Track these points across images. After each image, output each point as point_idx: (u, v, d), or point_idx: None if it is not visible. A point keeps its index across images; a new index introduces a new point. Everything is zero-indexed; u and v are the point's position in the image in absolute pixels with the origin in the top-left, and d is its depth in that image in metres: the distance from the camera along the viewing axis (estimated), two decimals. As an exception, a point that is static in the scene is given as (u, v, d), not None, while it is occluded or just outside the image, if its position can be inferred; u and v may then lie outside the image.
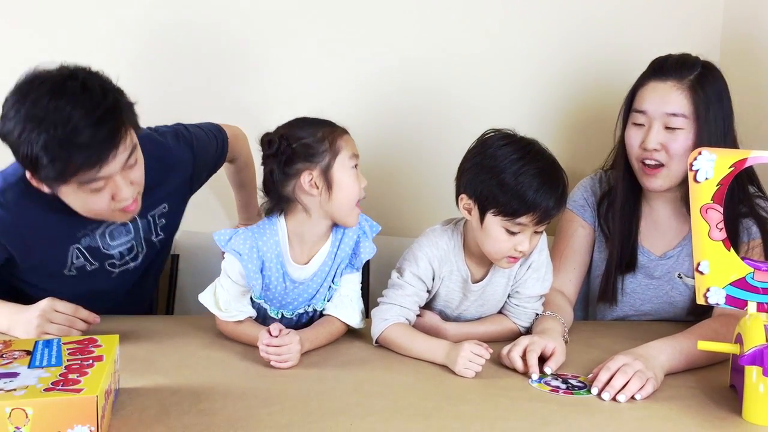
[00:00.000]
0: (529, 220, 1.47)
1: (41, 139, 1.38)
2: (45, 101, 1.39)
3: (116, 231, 1.65)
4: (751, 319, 1.31)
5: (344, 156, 1.50)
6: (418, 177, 2.16)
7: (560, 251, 1.78)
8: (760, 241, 1.63)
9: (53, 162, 1.39)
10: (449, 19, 2.12)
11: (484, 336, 1.58)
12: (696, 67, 1.64)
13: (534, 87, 2.15)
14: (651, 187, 1.68)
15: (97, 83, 1.45)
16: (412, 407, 1.28)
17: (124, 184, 1.48)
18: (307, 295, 1.57)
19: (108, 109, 1.42)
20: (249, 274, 1.50)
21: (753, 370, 1.24)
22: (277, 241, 1.53)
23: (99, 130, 1.40)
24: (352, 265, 1.59)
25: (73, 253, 1.62)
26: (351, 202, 1.52)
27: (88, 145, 1.39)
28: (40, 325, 1.50)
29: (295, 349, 1.43)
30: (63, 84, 1.41)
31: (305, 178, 1.48)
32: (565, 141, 2.13)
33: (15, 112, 1.41)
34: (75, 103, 1.39)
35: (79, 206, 1.51)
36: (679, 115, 1.61)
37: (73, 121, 1.38)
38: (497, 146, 1.50)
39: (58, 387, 1.10)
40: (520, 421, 1.24)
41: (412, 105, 2.14)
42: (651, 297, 1.77)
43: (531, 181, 1.45)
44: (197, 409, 1.24)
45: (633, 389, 1.33)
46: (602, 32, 2.13)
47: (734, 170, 1.31)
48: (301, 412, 1.25)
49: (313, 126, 1.51)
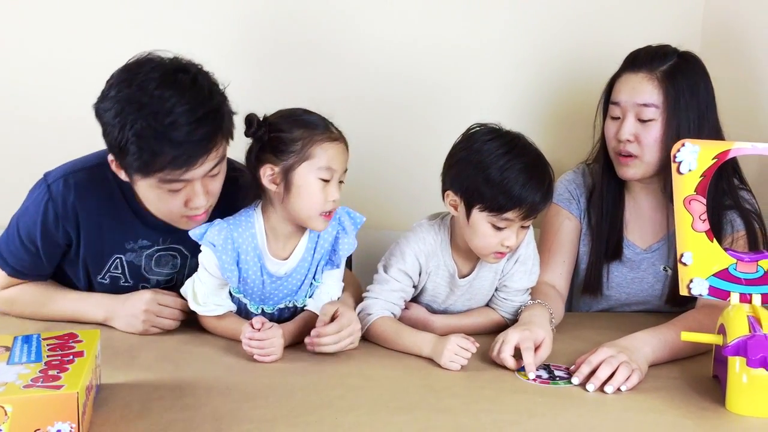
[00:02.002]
0: (515, 216, 1.46)
1: (138, 125, 1.32)
2: (152, 87, 1.33)
3: (164, 259, 1.60)
4: (734, 309, 1.32)
5: (313, 164, 1.44)
6: (404, 170, 2.15)
7: (548, 245, 1.77)
8: (744, 233, 1.64)
9: (142, 152, 1.34)
10: (434, 14, 2.11)
11: (471, 328, 1.58)
12: (670, 58, 1.65)
13: (519, 81, 2.15)
14: (625, 175, 1.69)
15: (206, 82, 1.40)
16: (398, 400, 1.28)
17: (201, 192, 1.42)
18: (287, 291, 1.56)
19: (211, 110, 1.37)
20: (223, 266, 1.48)
21: (736, 361, 1.25)
22: (254, 234, 1.51)
23: (197, 130, 1.35)
24: (332, 261, 1.58)
25: (114, 263, 1.58)
26: (309, 210, 1.46)
27: (181, 143, 1.34)
28: (147, 320, 1.52)
29: (278, 343, 1.42)
30: (174, 74, 1.36)
31: (266, 171, 1.46)
32: (550, 134, 2.13)
33: (117, 91, 1.35)
34: (181, 97, 1.34)
35: (151, 201, 1.46)
36: (650, 105, 1.63)
37: (174, 114, 1.33)
38: (483, 141, 1.49)
39: (38, 383, 1.08)
40: (506, 414, 1.24)
41: (397, 98, 2.13)
42: (636, 291, 1.78)
43: (517, 176, 1.44)
44: (180, 405, 1.23)
45: (620, 380, 1.33)
46: (585, 26, 2.13)
47: (717, 162, 1.32)
48: (285, 407, 1.24)
49: (299, 124, 1.46)
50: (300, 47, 2.08)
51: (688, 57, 1.68)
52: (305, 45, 2.08)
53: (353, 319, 1.47)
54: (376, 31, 2.11)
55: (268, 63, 2.08)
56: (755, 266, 1.33)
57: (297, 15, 2.08)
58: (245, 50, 2.07)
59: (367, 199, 2.06)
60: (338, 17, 2.09)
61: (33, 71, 2.00)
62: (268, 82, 2.08)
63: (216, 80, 1.43)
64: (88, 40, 1.99)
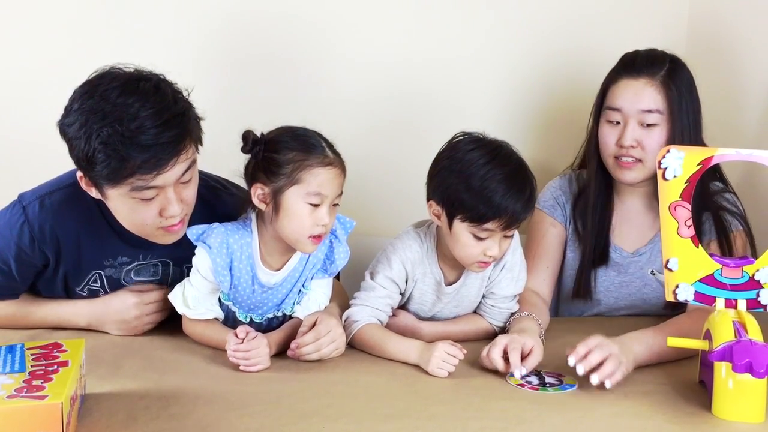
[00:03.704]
0: (496, 226, 1.46)
1: (103, 133, 1.32)
2: (114, 95, 1.34)
3: (144, 269, 1.58)
4: (720, 315, 1.32)
5: (302, 189, 1.43)
6: (392, 177, 2.15)
7: (532, 252, 1.78)
8: (741, 229, 1.67)
9: (110, 159, 1.33)
10: (422, 20, 2.11)
11: (460, 335, 1.58)
12: (665, 62, 1.67)
13: (508, 86, 2.15)
14: (625, 179, 1.69)
15: (169, 89, 1.40)
16: (385, 408, 1.28)
17: (175, 199, 1.41)
18: (276, 300, 1.55)
19: (176, 114, 1.37)
20: (216, 269, 1.47)
21: (722, 366, 1.26)
22: (249, 243, 1.51)
23: (164, 132, 1.34)
24: (325, 270, 1.57)
25: (93, 277, 1.58)
26: (297, 234, 1.46)
27: (149, 147, 1.33)
28: (138, 323, 1.56)
29: (264, 352, 1.41)
30: (136, 83, 1.37)
31: (257, 189, 1.46)
32: (539, 139, 2.14)
33: (80, 104, 1.36)
34: (144, 102, 1.34)
35: (124, 215, 1.44)
36: (654, 111, 1.64)
37: (139, 119, 1.33)
38: (465, 150, 1.49)
39: (22, 394, 1.07)
40: (494, 421, 1.24)
41: (386, 104, 2.13)
42: (624, 295, 1.79)
43: (497, 186, 1.44)
44: (166, 414, 1.22)
45: (607, 371, 1.34)
46: (572, 31, 2.14)
47: (702, 168, 1.33)
48: (272, 415, 1.23)
49: (294, 146, 1.45)
50: (286, 50, 2.08)
51: (678, 60, 1.70)
52: (291, 47, 2.08)
53: (333, 326, 1.47)
54: (366, 35, 2.11)
55: (254, 69, 2.08)
56: (740, 272, 1.34)
57: (283, 18, 2.07)
58: (235, 59, 2.07)
59: (356, 205, 2.05)
60: (328, 20, 2.08)
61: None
62: (253, 89, 2.08)
63: (179, 88, 1.43)
64: (52, 58, 1.98)
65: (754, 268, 1.33)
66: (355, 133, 2.08)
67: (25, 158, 1.95)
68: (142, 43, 1.99)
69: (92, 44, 1.98)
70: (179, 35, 2.02)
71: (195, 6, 2.03)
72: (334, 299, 1.61)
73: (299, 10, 2.07)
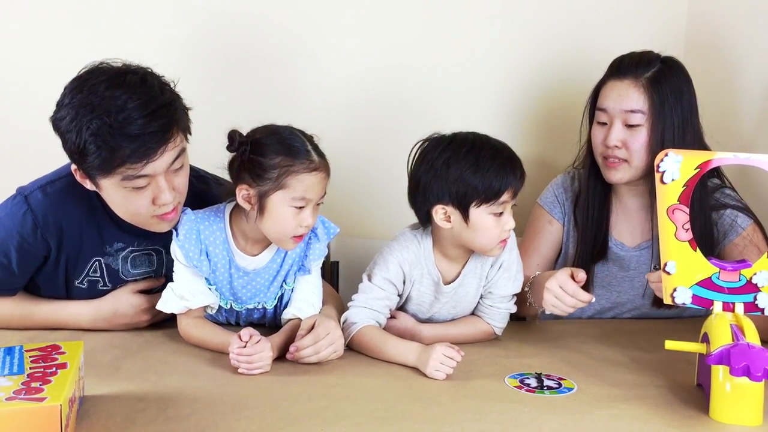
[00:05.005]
0: (509, 195, 1.51)
1: (93, 125, 1.37)
2: (101, 89, 1.39)
3: (139, 259, 1.62)
4: (717, 318, 1.33)
5: (287, 194, 1.45)
6: (387, 178, 2.15)
7: (526, 246, 1.82)
8: (753, 225, 1.68)
9: (101, 150, 1.38)
10: (418, 21, 2.11)
11: (459, 337, 1.58)
12: (653, 64, 1.69)
13: (505, 88, 2.16)
14: (612, 179, 1.72)
15: (156, 81, 1.45)
16: (383, 410, 1.28)
17: (166, 187, 1.45)
18: (255, 289, 1.57)
19: (163, 105, 1.42)
20: (187, 255, 1.50)
21: (720, 370, 1.26)
22: (222, 227, 1.54)
23: (151, 122, 1.39)
24: (304, 267, 1.59)
25: (93, 266, 1.60)
26: (280, 234, 1.49)
27: (138, 137, 1.38)
28: (143, 318, 1.60)
29: (267, 356, 1.41)
30: (123, 76, 1.42)
31: (242, 190, 1.48)
32: (535, 140, 2.15)
33: (70, 99, 1.41)
34: (131, 94, 1.39)
35: (119, 204, 1.49)
36: (636, 112, 1.66)
37: (126, 111, 1.38)
38: (441, 151, 1.52)
39: (20, 396, 1.07)
40: (492, 423, 1.24)
41: (380, 107, 2.13)
42: (627, 288, 1.80)
43: (493, 161, 1.50)
44: (165, 417, 1.22)
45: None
46: (570, 33, 2.15)
47: (700, 171, 1.33)
48: (270, 418, 1.23)
49: (280, 149, 1.46)
50: (276, 51, 2.08)
51: (671, 62, 1.71)
52: (281, 49, 2.08)
53: (331, 328, 1.47)
54: (356, 35, 2.10)
55: (242, 68, 2.08)
56: (738, 275, 1.34)
57: (272, 17, 2.07)
58: (220, 58, 2.07)
59: (353, 208, 2.06)
60: (318, 21, 2.08)
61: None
62: (241, 87, 2.07)
63: (166, 80, 1.47)
64: (42, 56, 1.98)
65: (751, 271, 1.34)
66: (349, 134, 2.08)
67: (23, 154, 1.95)
68: (135, 42, 1.99)
69: (92, 44, 1.97)
70: (168, 34, 2.02)
71: (180, 4, 2.03)
72: (329, 302, 1.62)
73: (288, 9, 2.07)
